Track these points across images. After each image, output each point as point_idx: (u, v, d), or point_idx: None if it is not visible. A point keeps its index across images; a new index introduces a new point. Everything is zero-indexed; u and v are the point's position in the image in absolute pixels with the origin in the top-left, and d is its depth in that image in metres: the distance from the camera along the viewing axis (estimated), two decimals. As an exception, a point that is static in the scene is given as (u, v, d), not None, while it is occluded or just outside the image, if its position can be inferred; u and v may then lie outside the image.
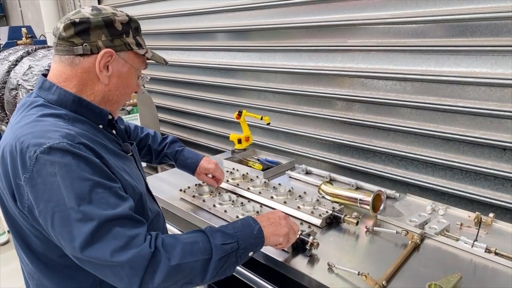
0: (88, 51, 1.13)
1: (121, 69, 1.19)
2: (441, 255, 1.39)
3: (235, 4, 2.88)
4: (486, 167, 1.90)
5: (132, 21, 1.22)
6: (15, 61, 3.44)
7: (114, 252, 0.96)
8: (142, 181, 1.32)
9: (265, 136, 2.98)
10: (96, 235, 0.96)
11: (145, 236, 1.01)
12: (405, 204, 1.77)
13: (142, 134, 1.83)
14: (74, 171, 0.98)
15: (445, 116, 1.99)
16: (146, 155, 1.84)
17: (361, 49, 2.23)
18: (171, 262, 1.00)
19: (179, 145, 1.88)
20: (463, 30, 1.84)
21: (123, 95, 1.25)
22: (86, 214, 0.96)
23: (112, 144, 1.23)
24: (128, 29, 1.19)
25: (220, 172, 1.85)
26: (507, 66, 1.75)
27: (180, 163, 1.84)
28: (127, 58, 1.20)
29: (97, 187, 0.99)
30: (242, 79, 3.04)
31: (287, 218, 1.33)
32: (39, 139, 0.99)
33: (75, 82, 1.15)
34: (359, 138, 2.37)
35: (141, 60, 1.25)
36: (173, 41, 3.66)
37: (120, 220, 0.99)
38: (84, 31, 1.12)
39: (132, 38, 1.20)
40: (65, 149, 0.99)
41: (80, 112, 1.15)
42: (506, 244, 1.41)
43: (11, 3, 7.73)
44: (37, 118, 1.07)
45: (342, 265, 1.30)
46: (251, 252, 1.17)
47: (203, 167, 1.82)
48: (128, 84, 1.24)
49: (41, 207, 0.98)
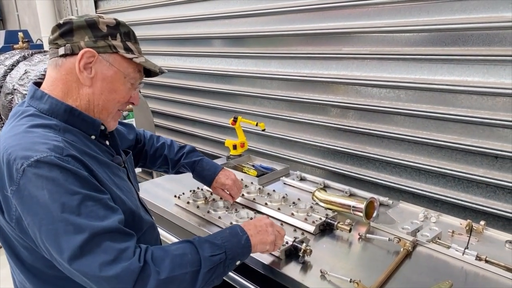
0: (70, 51, 1.11)
1: (105, 72, 1.15)
2: (432, 263, 1.40)
3: (232, 11, 2.90)
4: (478, 175, 1.92)
5: (122, 26, 1.18)
6: (11, 66, 3.44)
7: (103, 266, 0.95)
8: (133, 193, 1.29)
9: (261, 142, 2.99)
10: (85, 248, 0.95)
11: (134, 250, 1.00)
12: (398, 211, 1.78)
13: (158, 143, 1.78)
14: (62, 185, 0.96)
15: (438, 124, 2.01)
16: (162, 165, 1.79)
17: (356, 57, 2.26)
18: (161, 276, 1.00)
19: (197, 154, 1.81)
20: (455, 39, 1.86)
21: (109, 101, 1.19)
22: (75, 227, 0.95)
23: (105, 155, 1.22)
24: (114, 32, 1.16)
25: (236, 191, 1.76)
26: (499, 75, 1.77)
27: (197, 173, 1.77)
28: (112, 61, 1.15)
29: (86, 200, 0.98)
30: (238, 85, 3.06)
31: (274, 225, 1.34)
32: (27, 151, 0.98)
33: (60, 86, 1.14)
34: (353, 145, 2.39)
35: (131, 65, 1.19)
36: (170, 47, 3.68)
37: (109, 234, 0.98)
38: (68, 32, 1.12)
39: (119, 42, 1.16)
40: (53, 162, 0.97)
41: (72, 122, 1.14)
42: (497, 252, 1.43)
43: (8, 7, 7.72)
44: (26, 129, 1.06)
45: (334, 272, 1.31)
46: (238, 261, 1.18)
47: (220, 181, 1.74)
48: (115, 89, 1.18)
49: (29, 220, 0.98)
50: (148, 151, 1.76)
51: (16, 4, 7.31)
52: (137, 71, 1.22)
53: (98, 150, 1.19)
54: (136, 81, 1.24)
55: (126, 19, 3.91)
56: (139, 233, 1.19)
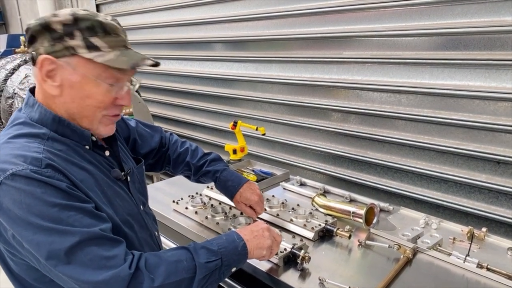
0: (33, 60, 1.05)
1: (70, 78, 1.03)
2: (433, 270, 1.38)
3: (233, 15, 2.89)
4: (480, 180, 1.90)
5: (82, 20, 1.02)
6: (12, 70, 3.45)
7: (91, 272, 0.93)
8: (128, 207, 1.21)
9: (261, 146, 2.98)
10: (72, 255, 0.93)
11: (124, 257, 0.99)
12: (399, 217, 1.76)
13: (182, 148, 1.68)
14: (39, 197, 0.94)
15: (439, 129, 1.99)
16: (185, 171, 1.69)
17: (356, 61, 2.24)
18: (155, 283, 0.98)
19: (222, 163, 1.66)
20: (456, 43, 1.84)
21: (84, 108, 1.07)
22: (60, 234, 0.93)
23: (102, 166, 1.16)
24: (71, 30, 1.01)
25: (262, 207, 1.62)
26: (500, 79, 1.75)
27: (220, 184, 1.63)
28: (75, 65, 1.02)
29: (66, 210, 0.95)
30: (239, 89, 3.05)
31: (270, 230, 1.31)
32: (4, 164, 0.96)
33: (41, 95, 1.09)
34: (354, 149, 2.37)
35: (99, 65, 1.03)
36: (171, 51, 3.67)
37: (96, 240, 0.96)
38: (31, 39, 1.04)
39: (79, 41, 1.01)
40: (29, 176, 0.94)
41: (62, 132, 1.08)
42: (499, 259, 1.40)
43: (11, 11, 7.76)
44: (8, 139, 1.03)
45: (333, 280, 1.29)
46: (234, 268, 1.17)
47: (245, 196, 1.58)
48: (87, 95, 1.05)
49: (10, 232, 0.97)
50: (171, 155, 1.68)
51: (19, 8, 7.34)
52: (113, 69, 1.05)
53: (94, 161, 1.14)
54: (119, 79, 1.08)
55: (127, 23, 3.92)
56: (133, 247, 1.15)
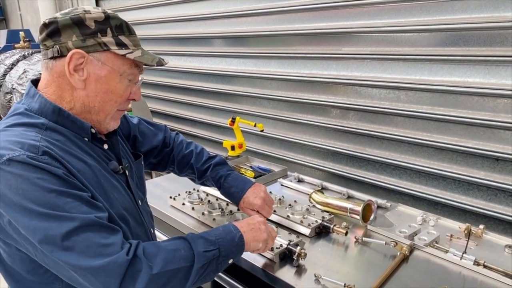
0: (58, 53, 1.06)
1: (98, 72, 1.08)
2: (430, 267, 1.37)
3: (232, 11, 2.88)
4: (479, 177, 1.89)
5: (112, 19, 1.10)
6: (11, 65, 3.43)
7: (88, 258, 0.93)
8: (125, 202, 1.21)
9: (259, 142, 2.97)
10: (68, 241, 0.93)
11: (121, 245, 0.98)
12: (396, 214, 1.75)
13: (187, 150, 1.64)
14: (36, 183, 0.94)
15: (438, 126, 1.98)
16: (190, 173, 1.65)
17: (355, 57, 2.23)
18: (153, 271, 0.98)
19: (226, 168, 1.60)
20: (456, 39, 1.83)
21: (106, 102, 1.13)
22: (57, 220, 0.93)
23: (100, 158, 1.17)
24: (104, 27, 1.08)
25: (268, 210, 1.54)
26: (500, 76, 1.74)
27: (224, 191, 1.58)
28: (104, 60, 1.08)
29: (63, 196, 0.96)
30: (237, 85, 3.04)
31: (266, 223, 1.32)
32: (0, 150, 0.97)
33: (54, 88, 1.11)
34: (353, 146, 2.36)
35: (126, 62, 1.12)
36: (170, 46, 3.66)
37: (94, 227, 0.96)
38: (54, 32, 1.06)
39: (111, 38, 1.08)
40: (25, 161, 0.95)
41: (62, 123, 1.10)
42: (496, 257, 1.39)
43: (11, 6, 7.75)
44: (5, 128, 1.04)
45: (329, 276, 1.28)
46: (231, 260, 1.17)
47: (248, 201, 1.53)
48: (111, 90, 1.12)
49: (6, 219, 0.96)
50: (175, 156, 1.64)
51: (19, 4, 7.34)
52: (134, 66, 1.14)
53: (92, 152, 1.15)
54: (135, 76, 1.16)
55: (127, 19, 3.89)
56: None
